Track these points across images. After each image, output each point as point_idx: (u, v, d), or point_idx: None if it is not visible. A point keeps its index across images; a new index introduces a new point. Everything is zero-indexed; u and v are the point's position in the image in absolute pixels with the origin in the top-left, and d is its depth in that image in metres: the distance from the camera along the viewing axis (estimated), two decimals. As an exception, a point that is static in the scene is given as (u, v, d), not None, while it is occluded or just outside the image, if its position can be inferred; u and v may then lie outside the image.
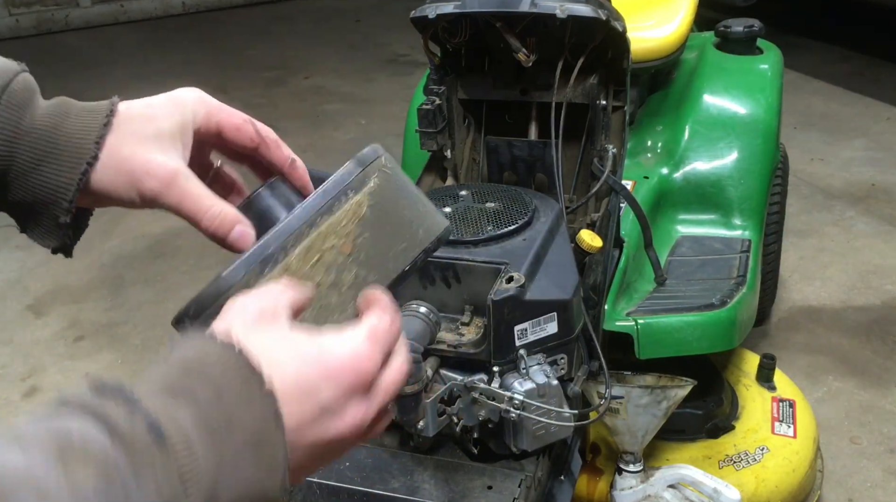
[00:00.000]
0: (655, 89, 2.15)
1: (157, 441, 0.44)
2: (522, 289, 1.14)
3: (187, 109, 0.66)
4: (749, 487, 1.63)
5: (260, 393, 0.50)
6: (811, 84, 4.41)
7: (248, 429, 0.49)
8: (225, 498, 0.48)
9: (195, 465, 0.45)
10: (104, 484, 0.40)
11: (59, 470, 0.39)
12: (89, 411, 0.43)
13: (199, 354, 0.50)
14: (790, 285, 2.74)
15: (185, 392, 0.48)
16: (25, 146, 0.62)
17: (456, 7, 1.39)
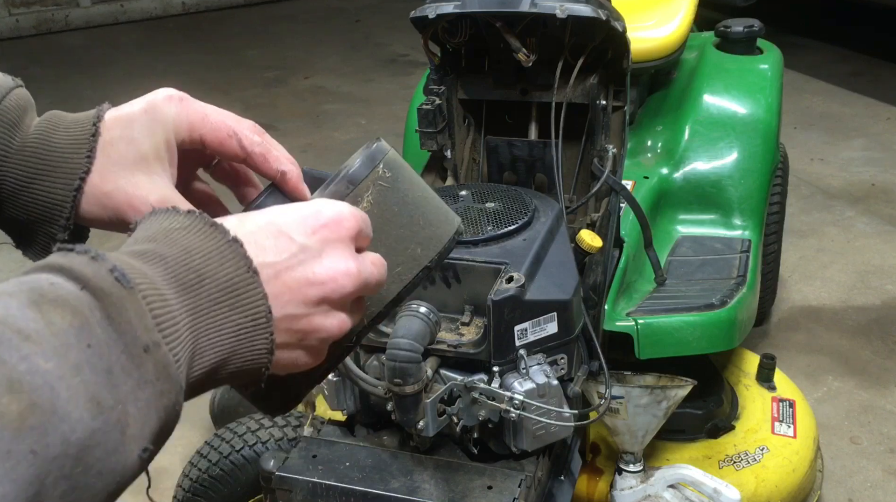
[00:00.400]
0: (655, 89, 2.15)
1: (126, 284, 0.44)
2: (522, 289, 1.14)
3: (168, 125, 0.63)
4: (749, 487, 1.63)
5: (225, 241, 0.50)
6: (811, 84, 4.41)
7: (221, 279, 0.49)
8: (208, 350, 0.48)
9: (170, 313, 0.46)
10: (80, 322, 0.42)
11: (36, 313, 0.40)
12: (56, 267, 0.44)
13: (163, 223, 0.51)
14: (790, 285, 2.74)
15: (152, 254, 0.48)
16: (15, 164, 0.61)
17: (456, 7, 1.39)
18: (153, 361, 0.44)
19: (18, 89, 0.63)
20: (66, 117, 0.64)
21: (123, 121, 0.63)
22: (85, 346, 0.41)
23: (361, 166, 0.64)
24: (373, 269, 0.57)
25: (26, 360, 0.39)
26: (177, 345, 0.46)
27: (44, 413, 0.38)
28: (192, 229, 0.50)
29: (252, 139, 0.65)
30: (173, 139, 0.63)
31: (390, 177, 0.65)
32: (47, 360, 0.39)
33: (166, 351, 0.45)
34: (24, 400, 0.38)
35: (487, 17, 1.41)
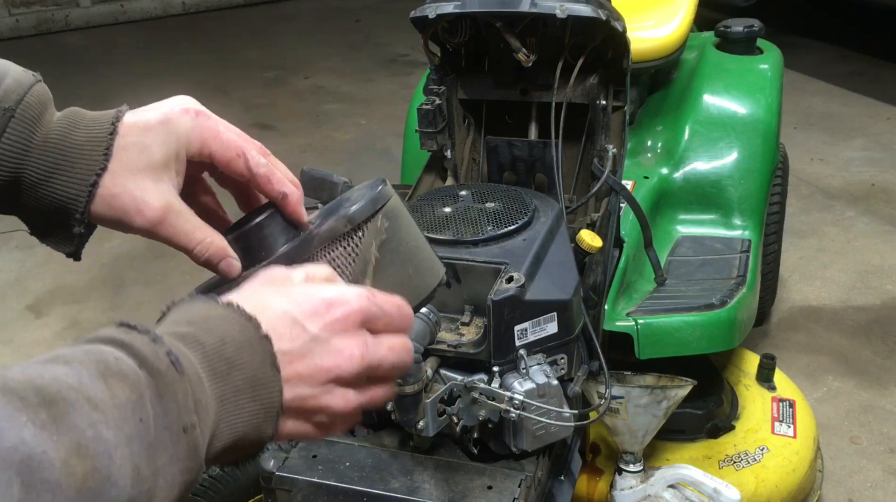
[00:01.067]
0: (655, 89, 2.14)
1: (179, 369, 0.50)
2: (522, 289, 1.14)
3: (181, 139, 0.66)
4: (749, 487, 1.63)
5: (257, 336, 0.55)
6: (811, 84, 4.41)
7: (248, 371, 0.54)
8: (224, 433, 0.53)
9: (205, 396, 0.51)
10: (136, 397, 0.47)
11: (102, 384, 0.45)
12: (119, 342, 0.49)
13: (202, 310, 0.56)
14: (790, 285, 2.74)
15: (192, 339, 0.53)
16: (36, 158, 0.64)
17: (456, 7, 1.39)
18: (187, 440, 0.49)
19: (38, 84, 0.66)
20: (85, 115, 0.66)
21: (140, 127, 0.66)
22: (138, 420, 0.46)
23: (363, 208, 0.67)
24: (387, 353, 0.61)
25: (93, 428, 0.43)
26: (206, 428, 0.51)
27: (101, 477, 0.43)
28: (229, 319, 0.55)
29: (258, 161, 0.68)
30: (184, 152, 0.67)
31: (388, 228, 0.69)
32: (109, 429, 0.44)
33: (198, 432, 0.50)
34: (87, 464, 0.42)
35: (487, 17, 1.41)
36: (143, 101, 0.71)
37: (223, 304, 0.56)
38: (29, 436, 0.40)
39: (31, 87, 0.65)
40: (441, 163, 1.61)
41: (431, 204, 1.35)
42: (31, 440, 0.40)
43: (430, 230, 1.27)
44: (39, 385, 0.43)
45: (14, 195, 0.65)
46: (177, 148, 0.66)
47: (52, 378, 0.44)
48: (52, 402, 0.42)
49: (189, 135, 0.66)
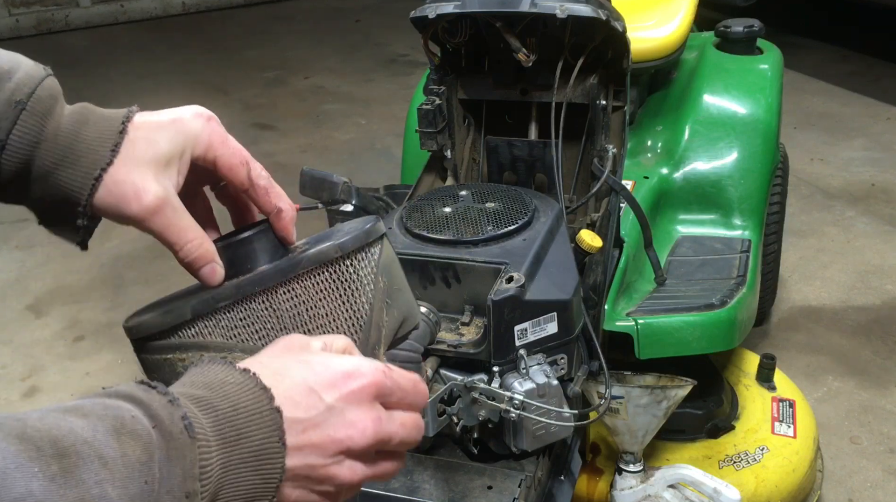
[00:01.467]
0: (655, 89, 2.14)
1: (190, 433, 0.51)
2: (522, 289, 1.14)
3: (189, 139, 0.68)
4: (749, 487, 1.63)
5: (269, 407, 0.56)
6: (811, 84, 4.41)
7: (255, 442, 0.55)
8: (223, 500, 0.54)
9: (211, 463, 0.52)
10: (146, 459, 0.48)
11: (115, 442, 0.47)
12: (137, 401, 0.51)
13: (220, 376, 0.57)
14: (790, 285, 2.74)
15: (207, 403, 0.55)
16: (45, 151, 0.65)
17: (456, 7, 1.39)
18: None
19: (49, 78, 0.66)
20: (96, 111, 0.68)
21: (150, 125, 0.67)
22: (143, 482, 0.47)
23: (355, 238, 0.69)
24: (398, 429, 0.62)
25: (99, 485, 0.45)
26: (206, 496, 0.52)
27: None
28: (244, 387, 0.56)
29: (259, 173, 0.70)
30: (189, 153, 0.68)
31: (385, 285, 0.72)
32: (114, 489, 0.45)
33: (199, 500, 0.51)
34: None
35: (487, 17, 1.41)
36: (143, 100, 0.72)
37: (241, 371, 0.57)
38: (37, 488, 0.42)
39: (43, 81, 0.65)
40: (441, 163, 1.61)
41: (431, 204, 1.35)
42: (39, 492, 0.42)
43: (429, 230, 1.27)
44: (56, 436, 0.44)
45: (22, 186, 0.66)
46: (183, 146, 0.67)
47: (68, 430, 0.45)
48: (64, 455, 0.44)
49: (198, 136, 0.68)
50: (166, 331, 0.67)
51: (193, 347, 0.67)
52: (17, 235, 3.52)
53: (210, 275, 0.68)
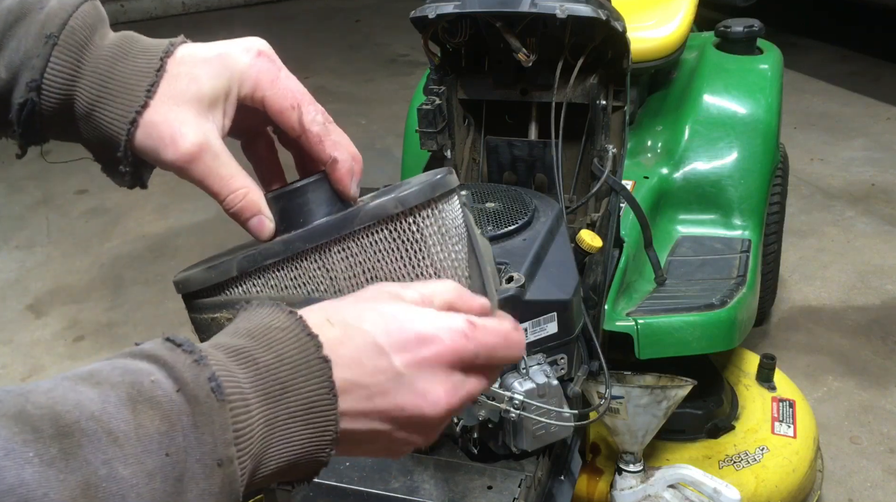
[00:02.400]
0: (655, 89, 2.15)
1: (218, 396, 0.46)
2: (522, 289, 1.14)
3: (235, 76, 0.61)
4: (749, 487, 1.63)
5: (316, 357, 0.50)
6: (811, 84, 4.41)
7: (302, 395, 0.50)
8: (272, 460, 0.49)
9: (249, 424, 0.47)
10: (167, 429, 0.43)
11: (129, 412, 0.42)
12: (161, 361, 0.46)
13: (265, 321, 0.52)
14: (790, 285, 2.74)
15: (247, 356, 0.49)
16: (85, 87, 0.60)
17: (456, 7, 1.39)
18: (222, 475, 0.45)
19: (86, 4, 0.61)
20: (136, 44, 0.62)
21: (195, 60, 0.61)
22: (164, 454, 0.42)
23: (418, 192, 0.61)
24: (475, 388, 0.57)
25: (107, 465, 0.40)
26: (246, 459, 0.47)
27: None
28: (290, 333, 0.51)
29: (313, 117, 0.63)
30: (236, 91, 0.62)
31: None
32: (126, 466, 0.41)
33: (236, 466, 0.46)
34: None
35: (487, 17, 1.41)
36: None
37: (287, 313, 0.52)
38: (30, 476, 0.37)
39: (78, 9, 0.60)
40: (441, 164, 1.61)
41: (431, 204, 1.35)
42: (32, 480, 0.37)
43: (430, 230, 1.27)
44: (59, 412, 0.40)
45: (69, 124, 0.61)
46: (228, 85, 0.61)
47: (74, 404, 0.41)
48: (67, 434, 0.39)
49: (244, 73, 0.61)
50: (212, 287, 0.62)
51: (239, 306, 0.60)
52: (17, 235, 3.53)
53: (258, 228, 0.62)
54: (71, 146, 0.64)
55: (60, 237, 3.48)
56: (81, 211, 3.69)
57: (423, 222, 0.61)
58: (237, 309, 0.55)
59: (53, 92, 0.59)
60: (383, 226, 0.60)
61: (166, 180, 4.15)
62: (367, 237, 0.60)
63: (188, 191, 3.64)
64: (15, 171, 4.18)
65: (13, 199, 3.88)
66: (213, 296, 0.63)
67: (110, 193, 3.81)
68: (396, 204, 0.60)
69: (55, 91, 0.59)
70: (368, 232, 0.60)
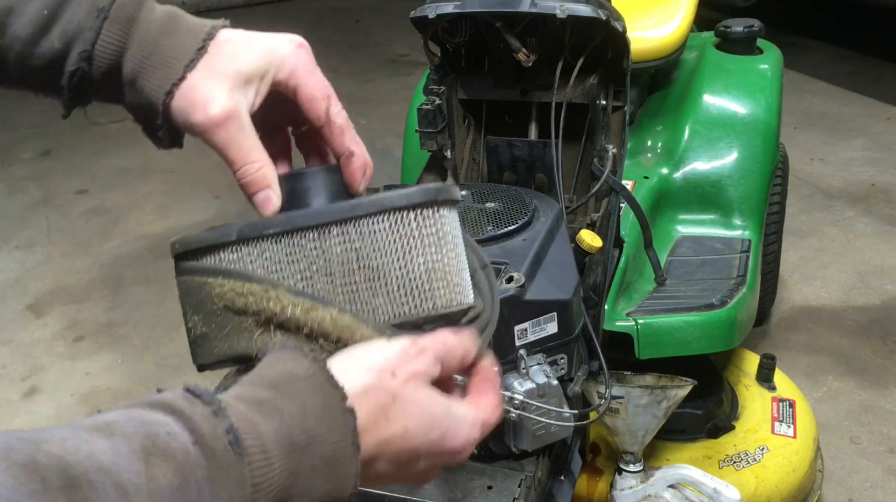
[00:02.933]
0: (655, 89, 2.14)
1: (236, 450, 0.45)
2: (522, 289, 1.14)
3: (275, 60, 0.65)
4: (749, 487, 1.63)
5: (340, 410, 0.51)
6: (811, 84, 4.41)
7: (326, 447, 0.50)
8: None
9: (269, 477, 0.47)
10: (180, 483, 0.42)
11: (141, 465, 0.41)
12: (178, 412, 0.45)
13: (288, 368, 0.53)
14: (790, 285, 2.74)
15: (271, 406, 0.49)
16: (131, 56, 0.63)
17: (456, 7, 1.39)
18: None
19: None
20: (181, 22, 0.65)
21: (239, 40, 0.66)
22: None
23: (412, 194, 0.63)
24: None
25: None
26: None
27: None
28: (314, 382, 0.52)
29: (339, 111, 0.67)
30: (272, 75, 0.65)
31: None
32: None
33: None
34: None
35: (487, 17, 1.41)
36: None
37: (311, 360, 0.53)
38: None
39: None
40: (441, 163, 1.61)
41: (431, 204, 1.35)
42: None
43: (430, 230, 1.27)
44: (69, 462, 0.39)
45: (116, 89, 0.65)
46: (267, 66, 0.65)
47: (86, 454, 0.40)
48: (74, 486, 0.38)
49: (285, 59, 0.65)
50: (208, 247, 0.63)
51: (233, 275, 0.62)
52: (17, 235, 3.52)
53: (265, 203, 0.64)
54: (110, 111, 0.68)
55: (60, 237, 3.48)
56: (81, 211, 3.69)
57: (423, 221, 0.62)
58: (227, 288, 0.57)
59: (103, 62, 0.63)
60: (385, 217, 0.61)
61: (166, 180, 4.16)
62: (368, 225, 0.61)
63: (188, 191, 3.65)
64: (15, 171, 4.17)
65: (13, 199, 3.88)
66: (206, 257, 0.64)
67: (110, 193, 3.81)
68: (402, 197, 0.62)
69: (104, 61, 0.63)
70: (370, 220, 0.61)
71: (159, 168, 3.92)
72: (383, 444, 0.54)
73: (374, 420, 0.53)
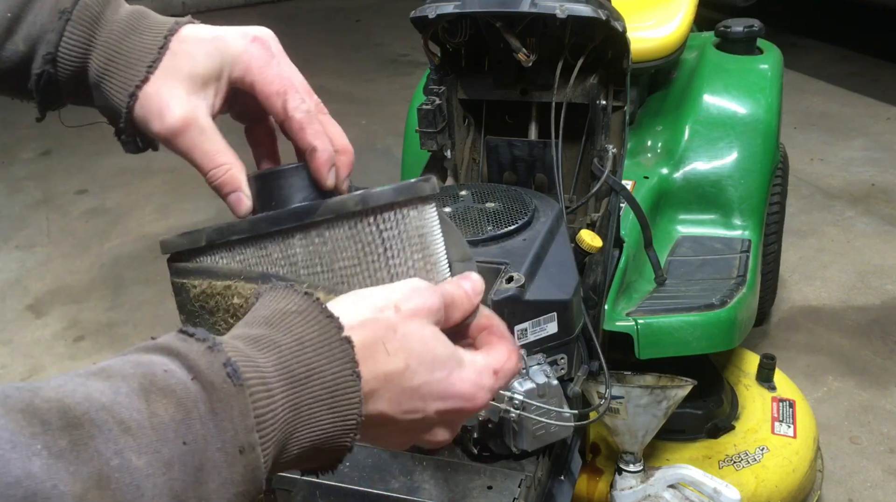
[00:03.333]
0: (655, 89, 2.15)
1: (235, 381, 0.45)
2: (522, 289, 1.14)
3: (227, 59, 0.63)
4: (749, 487, 1.63)
5: (337, 338, 0.51)
6: (811, 84, 4.41)
7: (327, 377, 0.49)
8: (296, 445, 0.49)
9: (272, 408, 0.46)
10: (182, 416, 0.42)
11: (142, 402, 0.41)
12: (174, 351, 0.45)
13: (280, 303, 0.52)
14: (790, 285, 2.74)
15: (267, 341, 0.49)
16: (96, 57, 0.63)
17: (456, 7, 1.39)
18: (244, 463, 0.44)
19: None
20: (145, 20, 0.65)
21: (195, 39, 0.64)
22: (181, 443, 0.42)
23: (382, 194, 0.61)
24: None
25: (119, 455, 0.39)
26: (269, 445, 0.46)
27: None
28: (308, 316, 0.51)
29: (298, 105, 0.64)
30: (227, 73, 0.64)
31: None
32: (140, 456, 0.40)
33: (259, 452, 0.45)
34: (107, 498, 0.38)
35: (487, 17, 1.41)
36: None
37: (302, 295, 0.53)
38: (38, 468, 0.36)
39: None
40: (441, 163, 1.61)
41: (431, 204, 1.35)
42: (40, 473, 0.36)
43: (430, 230, 1.27)
44: (68, 404, 0.39)
45: (84, 92, 0.64)
46: (221, 66, 0.63)
47: (83, 396, 0.40)
48: (76, 425, 0.38)
49: (237, 56, 0.63)
50: (184, 253, 0.64)
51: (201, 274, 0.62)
52: (17, 235, 3.53)
53: (236, 204, 0.64)
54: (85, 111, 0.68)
55: (60, 237, 3.48)
56: (81, 211, 3.69)
57: (383, 224, 0.61)
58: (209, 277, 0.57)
59: (67, 63, 0.63)
60: (343, 222, 0.61)
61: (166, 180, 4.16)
62: (329, 230, 0.61)
63: (188, 191, 3.65)
64: (15, 171, 4.18)
65: (13, 199, 3.88)
66: (185, 262, 0.64)
67: (110, 193, 3.82)
68: (357, 201, 0.60)
69: (69, 63, 0.63)
70: (328, 225, 0.61)
71: (159, 168, 3.92)
72: (382, 379, 0.52)
73: (370, 351, 0.52)
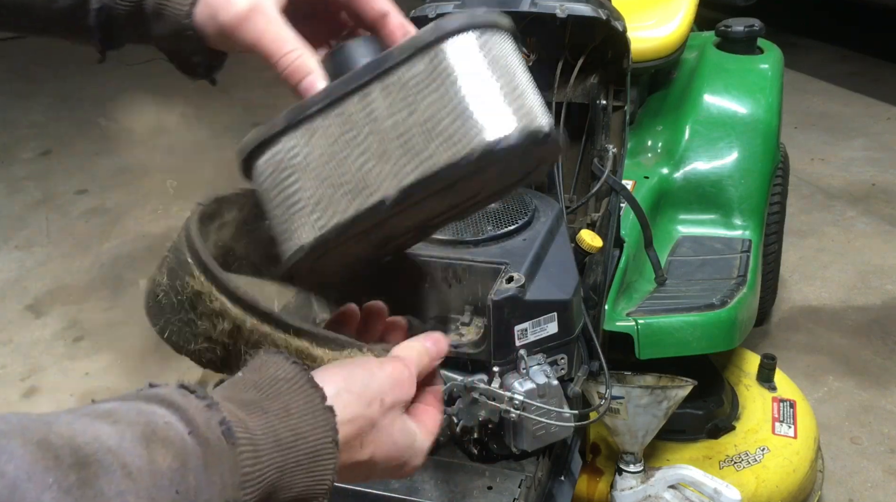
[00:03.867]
0: (655, 89, 2.14)
1: (229, 440, 0.48)
2: (522, 289, 1.14)
3: None
4: (749, 487, 1.63)
5: (321, 407, 0.54)
6: (811, 84, 4.41)
7: (310, 443, 0.53)
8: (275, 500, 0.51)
9: (258, 468, 0.49)
10: (178, 467, 0.45)
11: (143, 449, 0.44)
12: (174, 405, 0.48)
13: (271, 372, 0.55)
14: (790, 285, 2.74)
15: (256, 406, 0.52)
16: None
17: (456, 7, 1.39)
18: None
19: None
20: None
21: None
22: (174, 492, 0.44)
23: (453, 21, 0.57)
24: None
25: (121, 497, 0.41)
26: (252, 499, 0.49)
27: None
28: (295, 385, 0.54)
29: None
30: None
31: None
32: (138, 499, 0.42)
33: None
34: None
35: (487, 16, 1.41)
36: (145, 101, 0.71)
37: (291, 364, 0.55)
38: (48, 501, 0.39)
39: None
40: (441, 163, 1.61)
41: (431, 204, 1.35)
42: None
43: (430, 230, 1.27)
44: (79, 443, 0.42)
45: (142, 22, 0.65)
46: None
47: (92, 437, 0.42)
48: (84, 465, 0.41)
49: None
50: (264, 143, 0.61)
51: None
52: (17, 235, 3.52)
53: (310, 89, 0.62)
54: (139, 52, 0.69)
55: (60, 237, 3.48)
56: (81, 211, 3.69)
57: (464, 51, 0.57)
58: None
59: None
60: (422, 56, 0.57)
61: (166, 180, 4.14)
62: (406, 71, 0.57)
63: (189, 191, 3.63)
64: (15, 171, 4.17)
65: (13, 199, 3.88)
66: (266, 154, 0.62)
67: (110, 193, 3.81)
68: (432, 31, 0.57)
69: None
70: (407, 65, 0.57)
71: (159, 168, 3.91)
72: (348, 465, 0.58)
73: (348, 446, 0.56)
